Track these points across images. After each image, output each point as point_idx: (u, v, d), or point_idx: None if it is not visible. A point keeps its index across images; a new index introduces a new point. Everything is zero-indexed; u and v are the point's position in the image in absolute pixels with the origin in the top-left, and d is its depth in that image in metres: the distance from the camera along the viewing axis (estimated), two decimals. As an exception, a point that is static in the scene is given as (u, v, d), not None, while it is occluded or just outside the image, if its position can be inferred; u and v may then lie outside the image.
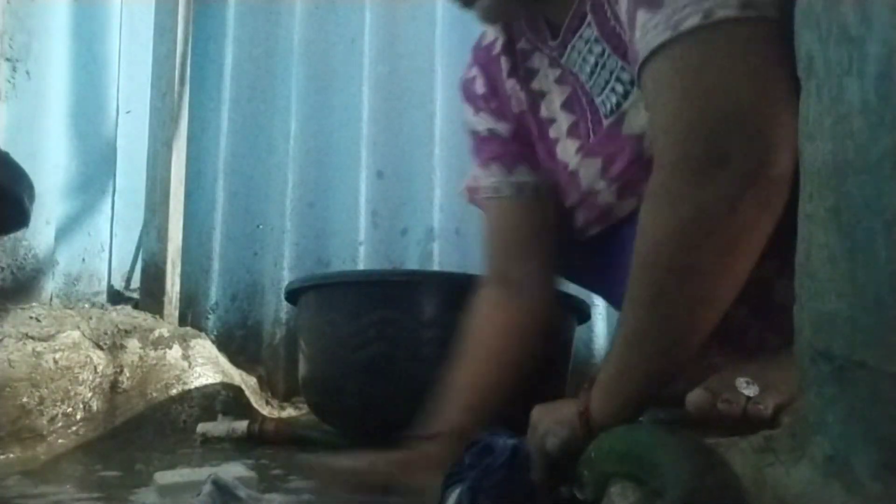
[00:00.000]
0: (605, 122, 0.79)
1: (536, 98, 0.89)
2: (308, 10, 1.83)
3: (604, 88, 0.79)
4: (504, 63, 0.91)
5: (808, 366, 0.45)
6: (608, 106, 0.79)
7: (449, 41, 1.79)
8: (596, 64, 0.79)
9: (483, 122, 0.95)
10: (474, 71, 0.96)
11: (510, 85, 0.91)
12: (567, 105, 0.86)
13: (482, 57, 0.95)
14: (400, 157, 1.79)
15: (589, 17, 0.78)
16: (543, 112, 0.88)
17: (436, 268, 1.73)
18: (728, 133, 0.58)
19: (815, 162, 0.45)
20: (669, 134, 0.62)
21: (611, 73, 0.77)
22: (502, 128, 0.93)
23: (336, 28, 1.83)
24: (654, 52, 0.61)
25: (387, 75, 1.80)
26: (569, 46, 0.82)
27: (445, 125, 1.77)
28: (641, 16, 0.62)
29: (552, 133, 0.88)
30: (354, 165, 1.78)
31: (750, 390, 0.63)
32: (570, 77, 0.84)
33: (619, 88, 0.76)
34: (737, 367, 0.68)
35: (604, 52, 0.77)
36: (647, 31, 0.62)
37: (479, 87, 0.95)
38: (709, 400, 0.64)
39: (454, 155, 1.74)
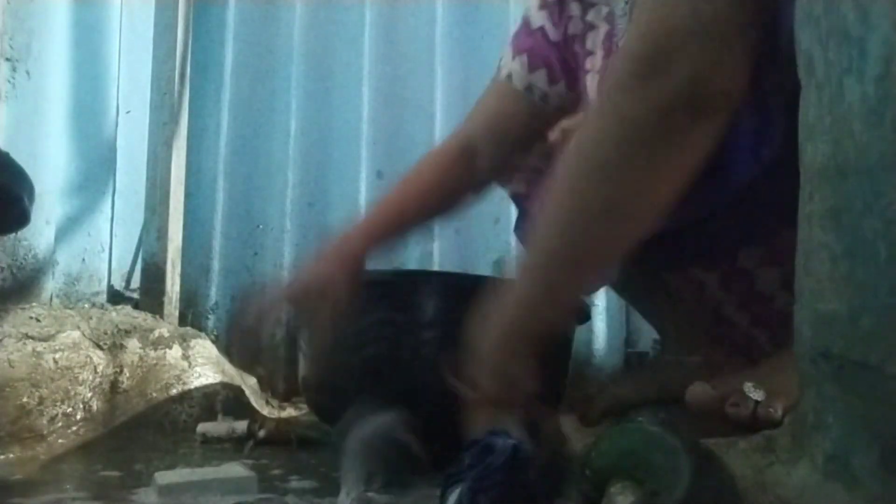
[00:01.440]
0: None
1: (586, 29, 0.94)
2: (308, 10, 1.83)
3: (623, 35, 0.85)
4: None
5: (808, 366, 0.45)
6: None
7: (449, 41, 1.79)
8: (623, 9, 0.84)
9: (539, 19, 0.99)
10: None
11: (573, 7, 0.96)
12: (605, 41, 0.91)
13: None
14: (400, 157, 1.79)
15: None
16: (588, 43, 0.94)
17: (436, 268, 1.73)
18: (670, 41, 0.59)
19: (815, 162, 0.45)
20: (627, 41, 0.65)
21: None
22: (552, 33, 0.97)
23: (336, 28, 1.83)
24: None
25: (387, 75, 1.80)
26: None
27: (445, 125, 1.77)
28: None
29: (587, 64, 0.93)
30: (354, 165, 1.78)
31: (757, 394, 0.63)
32: (613, 17, 0.89)
33: None
34: (741, 372, 0.68)
35: (629, 1, 0.82)
36: None
37: None
38: (710, 395, 0.64)
39: (454, 155, 1.73)
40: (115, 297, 1.65)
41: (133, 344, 1.34)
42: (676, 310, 1.04)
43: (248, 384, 1.58)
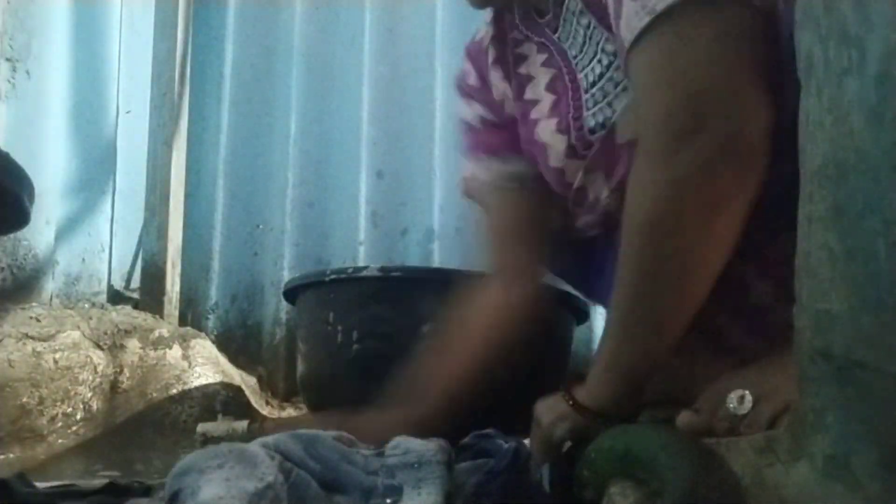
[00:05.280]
0: (585, 97, 0.82)
1: (523, 81, 0.91)
2: (308, 10, 1.83)
3: (591, 60, 0.81)
4: (490, 53, 0.93)
5: (807, 366, 0.45)
6: (591, 78, 0.81)
7: (449, 41, 1.78)
8: (585, 36, 0.81)
9: (476, 112, 0.97)
10: (467, 65, 0.99)
11: (494, 74, 0.93)
12: (550, 86, 0.87)
13: (473, 51, 0.98)
14: (400, 157, 1.79)
15: None
16: (528, 94, 0.90)
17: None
18: (704, 103, 0.62)
19: (815, 162, 0.45)
20: (651, 106, 0.65)
21: (597, 45, 0.79)
22: (494, 115, 0.95)
23: (336, 28, 1.83)
24: (636, 39, 0.64)
25: (387, 75, 1.80)
26: (560, 19, 0.84)
27: (445, 125, 1.77)
28: (626, 5, 0.65)
29: (533, 114, 0.89)
30: (354, 165, 1.78)
31: (742, 408, 0.62)
32: (557, 58, 0.86)
33: (605, 60, 0.78)
34: (728, 379, 0.68)
35: (590, 24, 0.79)
36: (629, 20, 0.65)
37: (471, 80, 0.98)
38: (698, 421, 0.64)
39: (454, 155, 1.73)
40: (115, 297, 1.65)
41: (133, 344, 1.34)
42: None
43: (248, 384, 1.58)
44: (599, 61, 0.79)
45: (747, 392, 0.62)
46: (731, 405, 0.62)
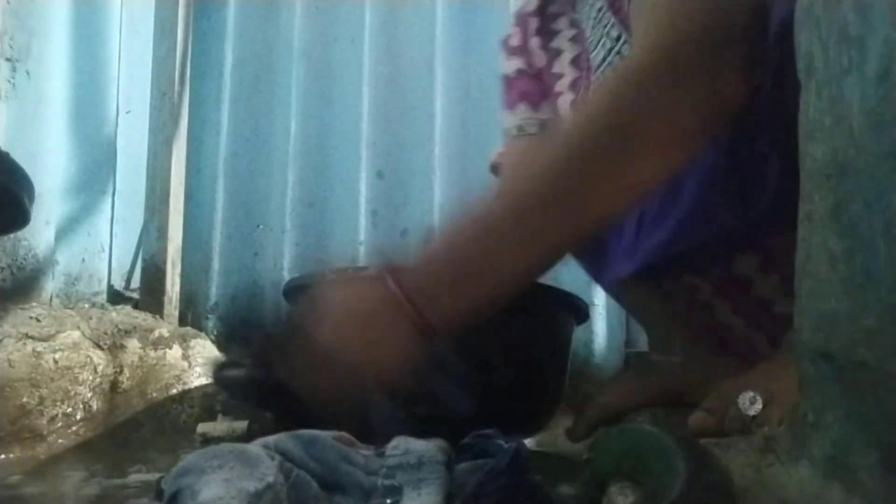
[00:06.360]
0: (594, 76, 0.87)
1: (552, 56, 0.99)
2: (308, 10, 1.83)
3: (597, 44, 0.86)
4: (532, 22, 1.03)
5: (808, 366, 0.45)
6: (597, 61, 0.86)
7: (449, 41, 1.78)
8: (595, 19, 0.87)
9: (514, 64, 1.05)
10: (514, 28, 1.08)
11: (533, 42, 1.02)
12: (574, 61, 0.95)
13: (520, 16, 1.08)
14: (400, 157, 1.79)
15: None
16: (556, 68, 0.98)
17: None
18: (684, 46, 0.60)
19: (815, 162, 0.45)
20: (638, 39, 0.67)
21: (604, 28, 0.84)
22: (532, 69, 1.04)
23: (336, 28, 1.83)
24: None
25: (387, 75, 1.80)
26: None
27: (445, 125, 1.77)
28: None
29: (558, 87, 0.96)
30: (354, 165, 1.78)
31: (753, 408, 0.62)
32: (582, 36, 0.93)
33: (608, 44, 0.83)
34: (737, 380, 0.67)
35: (602, 7, 0.85)
36: None
37: (514, 41, 1.06)
38: (710, 423, 0.64)
39: (454, 155, 1.73)
40: (115, 297, 1.65)
41: (133, 344, 1.34)
42: (667, 309, 1.03)
43: (248, 384, 1.58)
44: (603, 45, 0.84)
45: (757, 393, 0.62)
46: (742, 406, 0.62)
